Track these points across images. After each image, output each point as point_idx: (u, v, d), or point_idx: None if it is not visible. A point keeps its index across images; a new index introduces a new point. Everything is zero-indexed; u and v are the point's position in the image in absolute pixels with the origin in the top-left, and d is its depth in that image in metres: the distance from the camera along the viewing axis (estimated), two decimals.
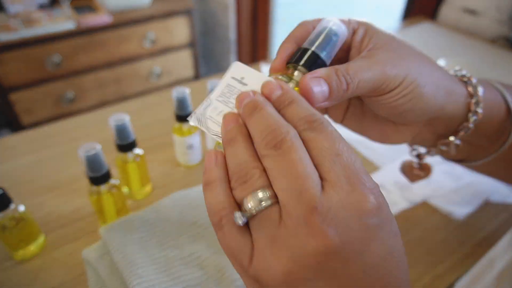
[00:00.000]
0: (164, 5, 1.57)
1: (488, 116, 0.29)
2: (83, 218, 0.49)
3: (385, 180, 0.55)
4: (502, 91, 0.30)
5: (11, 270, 0.43)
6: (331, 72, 0.24)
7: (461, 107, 0.28)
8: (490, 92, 0.30)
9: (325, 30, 0.26)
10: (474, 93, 0.28)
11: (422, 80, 0.26)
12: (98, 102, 1.58)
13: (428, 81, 0.26)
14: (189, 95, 0.52)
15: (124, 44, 1.51)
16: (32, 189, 0.54)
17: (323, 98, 0.23)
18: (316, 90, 0.23)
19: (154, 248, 0.42)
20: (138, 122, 0.67)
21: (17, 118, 1.41)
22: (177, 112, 0.53)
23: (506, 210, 0.50)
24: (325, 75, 0.24)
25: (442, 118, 0.29)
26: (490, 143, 0.31)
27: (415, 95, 0.26)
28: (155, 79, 1.67)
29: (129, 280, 0.38)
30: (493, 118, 0.29)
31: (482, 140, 0.31)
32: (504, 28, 1.01)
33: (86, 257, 0.42)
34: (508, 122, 0.30)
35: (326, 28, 0.26)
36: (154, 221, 0.45)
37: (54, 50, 1.36)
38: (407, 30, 1.09)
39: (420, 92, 0.26)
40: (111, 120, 0.44)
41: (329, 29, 0.26)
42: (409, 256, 0.44)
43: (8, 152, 0.61)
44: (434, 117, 0.28)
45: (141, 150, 0.49)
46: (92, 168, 0.41)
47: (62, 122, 0.68)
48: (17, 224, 0.42)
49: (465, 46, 1.00)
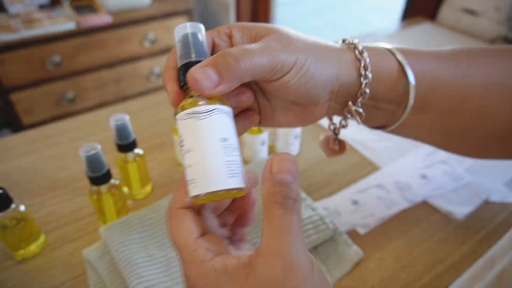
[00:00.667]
0: (164, 5, 1.57)
1: (380, 78, 0.30)
2: (83, 218, 0.50)
3: (385, 180, 0.55)
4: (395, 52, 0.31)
5: (12, 269, 0.43)
6: (215, 56, 0.24)
7: (353, 73, 0.30)
8: (380, 56, 0.31)
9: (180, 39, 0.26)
10: (361, 57, 0.30)
11: (311, 59, 0.27)
12: (98, 102, 1.58)
13: (317, 59, 0.28)
14: None
15: (124, 44, 1.51)
16: (33, 189, 0.54)
17: (214, 84, 0.23)
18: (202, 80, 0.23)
19: (154, 248, 0.42)
20: (138, 122, 0.67)
21: (18, 118, 1.41)
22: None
23: (505, 210, 0.51)
24: (210, 62, 0.24)
25: (342, 88, 0.30)
26: (396, 105, 0.32)
27: (309, 76, 0.27)
28: (155, 79, 1.67)
29: (129, 280, 0.38)
30: (385, 79, 0.31)
31: (386, 105, 0.32)
32: (503, 28, 1.01)
33: (86, 257, 0.42)
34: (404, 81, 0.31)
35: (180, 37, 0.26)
36: (154, 221, 0.45)
37: (54, 50, 1.36)
38: (407, 31, 1.09)
39: (313, 72, 0.27)
40: (111, 120, 0.44)
41: (182, 36, 0.26)
42: (408, 256, 0.45)
43: (9, 152, 0.61)
44: (335, 90, 0.30)
45: (141, 150, 0.50)
46: (92, 168, 0.41)
47: (62, 122, 0.68)
48: (17, 224, 0.42)
49: (464, 46, 1.00)
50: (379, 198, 0.52)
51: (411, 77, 0.31)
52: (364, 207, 0.50)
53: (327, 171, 0.57)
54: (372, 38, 1.04)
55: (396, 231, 0.48)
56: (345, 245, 0.44)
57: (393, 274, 0.43)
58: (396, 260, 0.44)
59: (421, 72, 0.31)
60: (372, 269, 0.43)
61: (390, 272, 0.43)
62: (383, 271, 0.43)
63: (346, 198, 0.52)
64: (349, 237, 0.45)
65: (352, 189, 0.54)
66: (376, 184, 0.54)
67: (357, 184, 0.55)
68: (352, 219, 0.49)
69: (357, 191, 0.53)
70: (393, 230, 0.48)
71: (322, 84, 0.28)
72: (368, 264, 0.44)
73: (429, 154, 0.59)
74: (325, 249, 0.44)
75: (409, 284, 0.42)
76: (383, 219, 0.49)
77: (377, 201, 0.51)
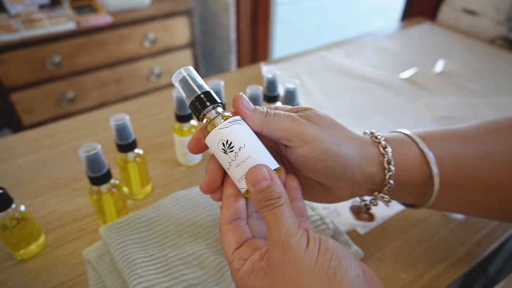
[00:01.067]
0: (164, 5, 1.57)
1: (404, 168, 0.32)
2: (84, 218, 0.50)
3: None
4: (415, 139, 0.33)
5: (12, 269, 0.43)
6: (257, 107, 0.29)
7: (377, 166, 0.32)
8: (402, 148, 0.33)
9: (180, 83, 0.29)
10: (385, 152, 0.32)
11: (335, 139, 0.29)
12: (98, 102, 1.58)
13: (341, 142, 0.30)
14: None
15: (124, 44, 1.51)
16: (33, 189, 0.54)
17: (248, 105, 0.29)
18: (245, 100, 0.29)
19: (154, 248, 0.42)
20: (138, 122, 0.68)
21: (18, 118, 1.42)
22: (177, 112, 0.53)
23: None
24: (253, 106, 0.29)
25: (366, 178, 0.32)
26: (422, 188, 0.34)
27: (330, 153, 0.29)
28: (155, 79, 1.67)
29: (129, 280, 0.38)
30: (408, 169, 0.33)
31: (412, 188, 0.34)
32: (503, 29, 1.01)
33: (87, 257, 0.42)
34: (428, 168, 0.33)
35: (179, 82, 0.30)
36: (154, 221, 0.45)
37: (55, 50, 1.36)
38: (407, 31, 1.09)
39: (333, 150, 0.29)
40: (111, 120, 0.44)
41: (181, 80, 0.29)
42: (408, 256, 0.45)
43: (9, 152, 0.61)
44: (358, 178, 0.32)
45: (141, 150, 0.50)
46: (93, 168, 0.41)
47: (62, 122, 0.68)
48: (17, 223, 0.42)
49: (464, 46, 1.00)
50: None
51: (433, 164, 0.32)
52: None
53: None
54: (372, 38, 1.04)
55: (396, 231, 0.48)
56: (345, 245, 0.45)
57: (393, 274, 0.43)
58: (396, 260, 0.44)
59: (445, 154, 0.33)
60: (372, 269, 0.43)
61: (390, 272, 0.43)
62: (383, 271, 0.43)
63: None
64: (349, 237, 0.45)
65: None
66: None
67: None
68: (352, 219, 0.49)
69: None
70: (393, 230, 0.48)
71: (341, 166, 0.30)
72: (368, 264, 0.44)
73: None
74: None
75: (409, 284, 0.42)
76: (383, 219, 0.49)
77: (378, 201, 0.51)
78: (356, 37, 1.06)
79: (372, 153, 0.32)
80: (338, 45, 1.00)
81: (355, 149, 0.31)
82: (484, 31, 1.06)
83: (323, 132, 0.29)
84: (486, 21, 1.05)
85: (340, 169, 0.30)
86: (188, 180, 0.56)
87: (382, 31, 1.09)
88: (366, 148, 0.32)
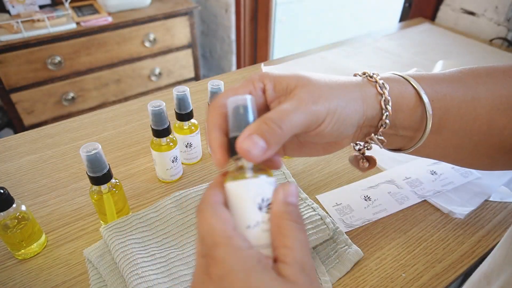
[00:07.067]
0: (165, 6, 1.57)
1: (399, 109, 0.32)
2: (84, 218, 0.50)
3: (395, 177, 0.56)
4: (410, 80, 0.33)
5: (13, 269, 0.43)
6: (259, 124, 0.25)
7: (376, 107, 0.32)
8: (399, 88, 0.33)
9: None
10: (382, 92, 0.31)
11: (341, 104, 0.29)
12: (98, 102, 1.58)
13: (346, 103, 0.29)
14: (189, 94, 0.52)
15: (124, 45, 1.51)
16: (34, 189, 0.54)
17: (263, 151, 0.25)
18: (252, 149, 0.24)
19: (154, 248, 0.42)
20: (138, 122, 0.68)
21: (19, 118, 1.42)
22: (177, 111, 0.53)
23: (505, 210, 0.51)
24: (255, 129, 0.25)
25: (367, 121, 0.32)
26: (413, 131, 0.34)
27: (341, 120, 0.29)
28: (156, 79, 1.68)
29: (129, 280, 0.38)
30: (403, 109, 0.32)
31: (404, 131, 0.34)
32: (502, 29, 1.01)
33: (87, 256, 0.43)
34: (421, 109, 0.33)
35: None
36: (154, 221, 0.45)
37: (55, 50, 1.36)
38: (406, 31, 1.10)
39: (344, 116, 0.29)
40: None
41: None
42: (408, 255, 0.45)
43: (10, 152, 0.61)
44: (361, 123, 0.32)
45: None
46: (93, 168, 0.41)
47: (63, 122, 0.68)
48: (18, 223, 0.42)
49: (463, 46, 1.00)
50: (390, 193, 0.53)
51: (428, 106, 0.32)
52: (376, 203, 0.51)
53: (327, 171, 0.57)
54: (371, 39, 1.05)
55: (396, 230, 0.48)
56: (345, 244, 0.45)
57: (392, 273, 0.43)
58: (396, 260, 0.44)
59: (436, 96, 0.33)
60: (372, 269, 0.43)
61: (389, 272, 0.43)
62: (383, 271, 0.43)
63: (357, 193, 0.53)
64: (349, 237, 0.46)
65: (363, 185, 0.54)
66: (386, 180, 0.55)
67: (367, 179, 0.55)
68: (365, 214, 0.50)
69: (368, 187, 0.54)
70: (393, 230, 0.48)
71: (352, 121, 0.30)
72: (368, 264, 0.44)
73: None
74: (325, 249, 0.45)
75: (408, 283, 0.42)
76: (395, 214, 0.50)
77: (389, 196, 0.52)
78: (355, 37, 1.06)
79: (370, 94, 0.31)
80: (338, 45, 1.00)
81: (359, 99, 0.31)
82: (483, 31, 1.06)
83: (330, 102, 0.28)
84: (485, 21, 1.05)
85: (350, 125, 0.30)
86: (188, 180, 0.56)
87: (382, 32, 1.10)
88: (365, 90, 0.31)
